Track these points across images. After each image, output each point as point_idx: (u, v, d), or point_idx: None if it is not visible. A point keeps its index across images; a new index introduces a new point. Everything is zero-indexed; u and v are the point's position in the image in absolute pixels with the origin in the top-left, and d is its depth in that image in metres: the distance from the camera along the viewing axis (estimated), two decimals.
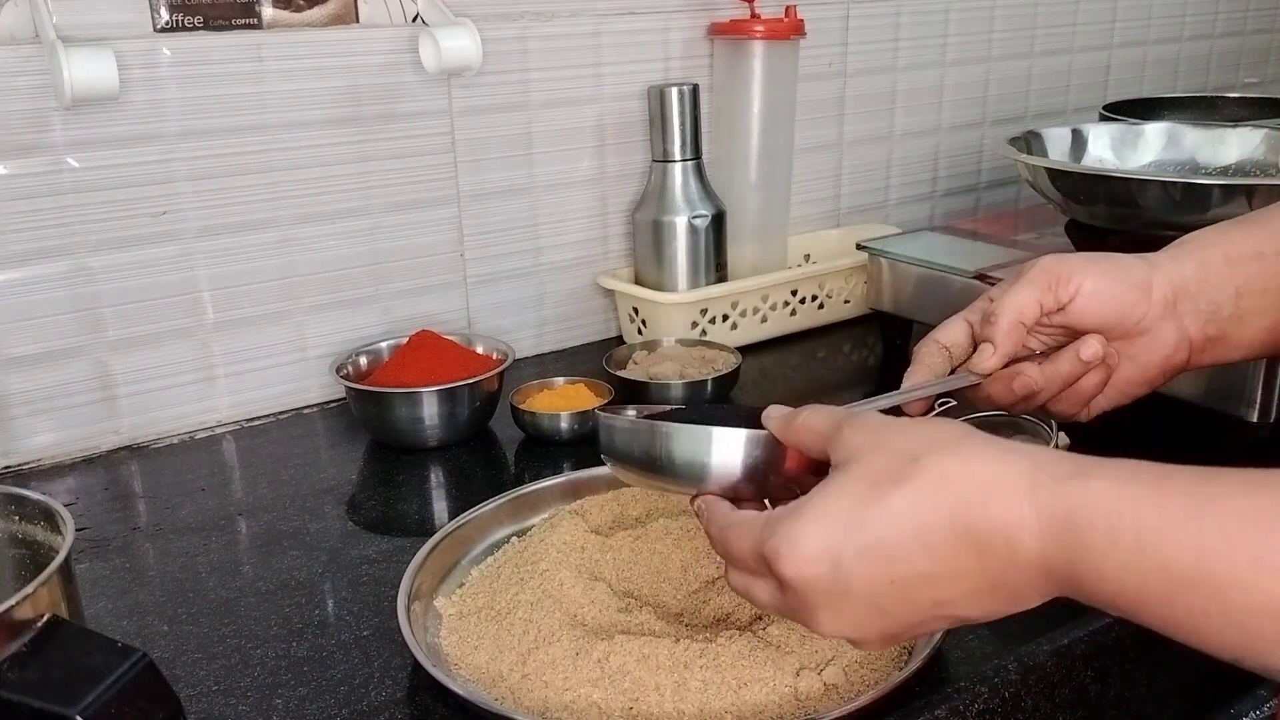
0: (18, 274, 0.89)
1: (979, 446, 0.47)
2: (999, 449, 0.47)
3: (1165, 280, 0.64)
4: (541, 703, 0.59)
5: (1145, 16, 1.67)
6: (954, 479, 0.45)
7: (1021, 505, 0.44)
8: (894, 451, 0.47)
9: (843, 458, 0.49)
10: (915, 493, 0.45)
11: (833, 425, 0.51)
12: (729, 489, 0.56)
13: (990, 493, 0.44)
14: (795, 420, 0.54)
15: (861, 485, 0.47)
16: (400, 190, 1.05)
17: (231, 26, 0.94)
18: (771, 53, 1.17)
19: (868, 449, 0.48)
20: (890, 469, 0.46)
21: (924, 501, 0.45)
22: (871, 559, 0.45)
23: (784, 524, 0.48)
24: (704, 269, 1.15)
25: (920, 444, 0.47)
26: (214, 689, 0.64)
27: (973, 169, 1.52)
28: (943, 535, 0.45)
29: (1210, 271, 0.64)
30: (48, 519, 0.58)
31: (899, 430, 0.49)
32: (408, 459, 0.93)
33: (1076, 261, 0.64)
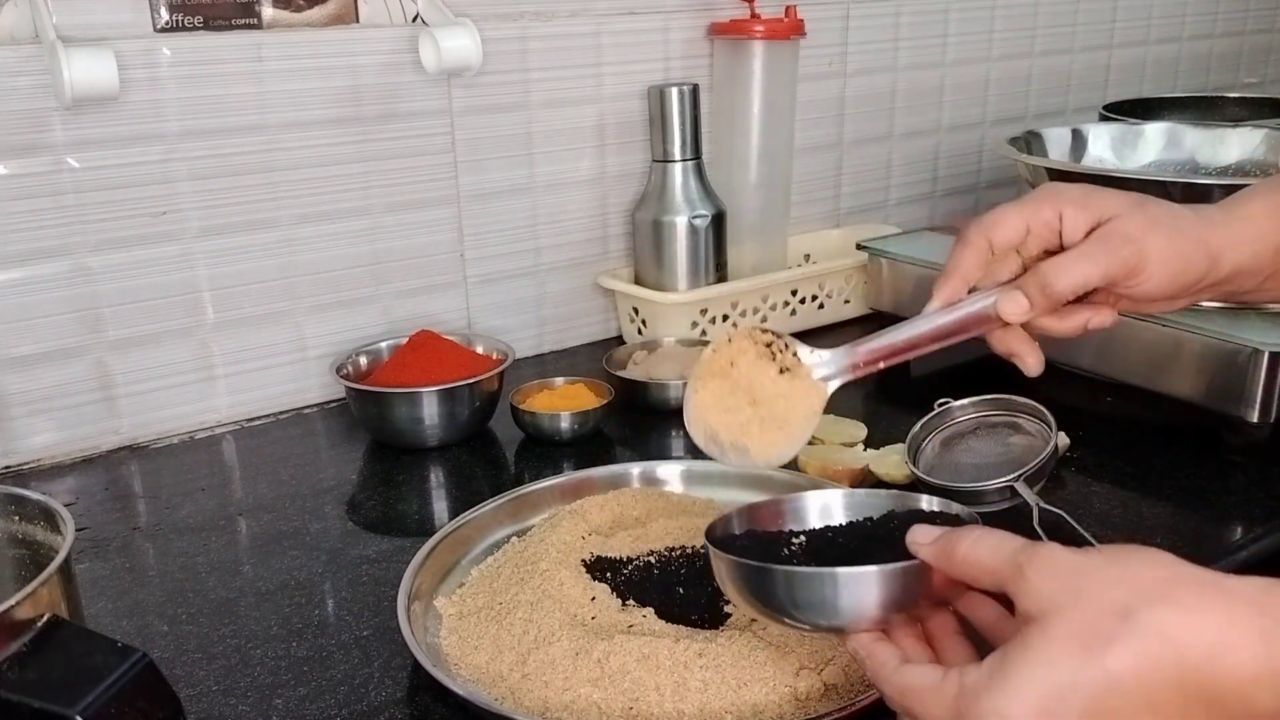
0: (18, 274, 0.89)
1: (1194, 592, 0.42)
2: (1219, 593, 0.42)
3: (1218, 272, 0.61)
4: (541, 703, 0.59)
5: (1145, 16, 1.67)
6: (1176, 635, 0.41)
7: (1255, 662, 0.40)
8: (1100, 605, 0.42)
9: (1034, 609, 0.44)
10: (1135, 654, 0.41)
11: (1010, 566, 0.46)
12: (874, 625, 0.52)
13: (1218, 648, 0.41)
14: (957, 553, 0.49)
15: (1070, 647, 0.42)
16: (400, 190, 1.05)
17: (231, 26, 0.94)
18: (771, 53, 1.17)
19: (1066, 602, 0.43)
20: (1101, 628, 0.42)
21: (1146, 663, 0.41)
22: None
23: (986, 696, 0.43)
24: (704, 269, 1.15)
25: (1129, 594, 0.42)
26: (214, 689, 0.64)
27: (973, 169, 1.52)
28: (1170, 696, 0.41)
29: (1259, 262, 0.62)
30: (48, 519, 0.58)
31: (1096, 576, 0.44)
32: (408, 459, 0.93)
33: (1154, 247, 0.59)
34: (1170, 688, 0.41)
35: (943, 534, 0.50)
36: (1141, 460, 0.88)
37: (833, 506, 0.60)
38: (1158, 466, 0.87)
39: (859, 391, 1.08)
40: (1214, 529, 0.80)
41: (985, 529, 0.49)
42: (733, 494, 0.81)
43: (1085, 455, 0.89)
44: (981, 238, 0.61)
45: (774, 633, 0.61)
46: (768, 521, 0.60)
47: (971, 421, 0.85)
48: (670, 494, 0.81)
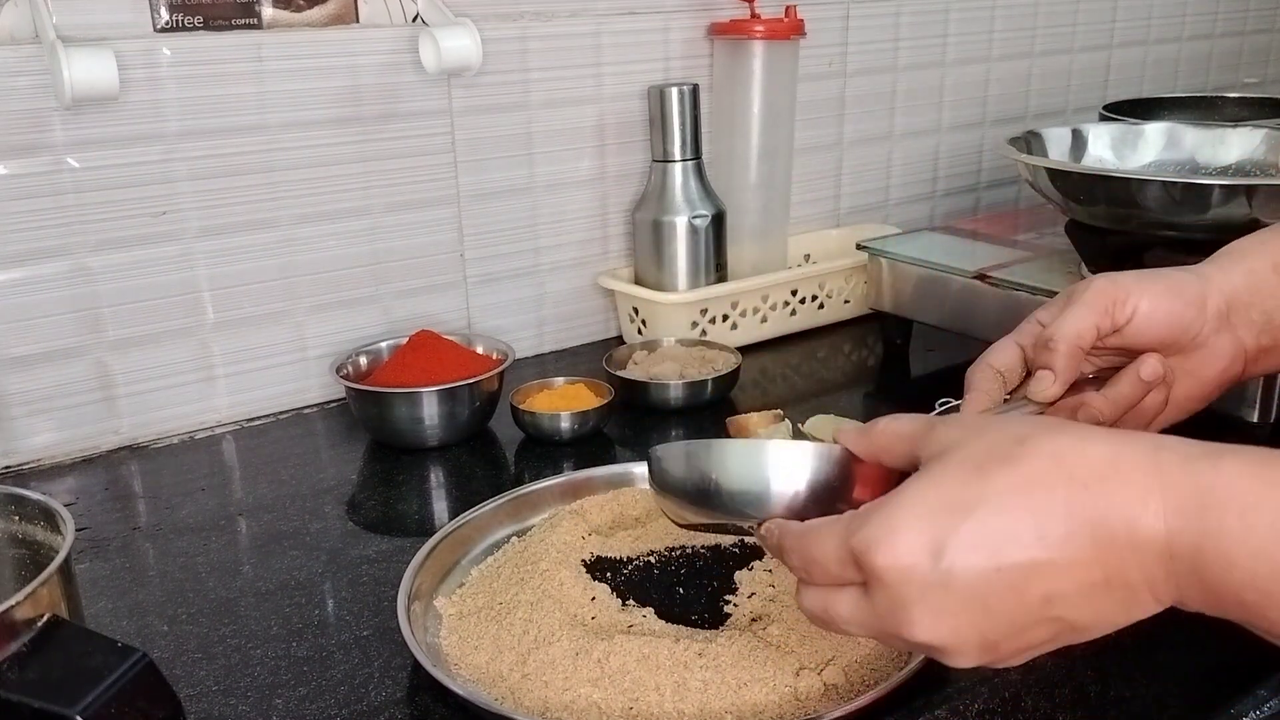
0: (18, 274, 0.89)
1: (1091, 429, 0.44)
2: (1112, 431, 0.44)
3: (1218, 293, 0.63)
4: (541, 703, 0.59)
5: (1145, 16, 1.67)
6: (1068, 457, 0.41)
7: (1146, 482, 0.40)
8: (998, 435, 0.43)
9: (937, 451, 0.45)
10: (1025, 471, 0.41)
11: (923, 426, 0.48)
12: (794, 514, 0.51)
13: (1109, 470, 0.41)
14: (875, 427, 0.50)
15: (963, 469, 0.43)
16: (400, 190, 1.05)
17: (231, 26, 0.94)
18: (771, 53, 1.17)
19: (967, 437, 0.44)
20: (995, 451, 0.42)
21: (1035, 481, 0.41)
22: (975, 545, 0.41)
23: (876, 514, 0.43)
24: (704, 269, 1.15)
25: (1026, 428, 0.44)
26: (214, 689, 0.64)
27: (973, 169, 1.52)
28: (1056, 517, 0.40)
29: (1259, 280, 0.63)
30: (48, 519, 0.58)
31: (1000, 420, 0.46)
32: (408, 459, 0.93)
33: (1130, 281, 0.62)
34: (1057, 507, 0.41)
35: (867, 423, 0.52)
36: None
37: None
38: None
39: (859, 391, 1.08)
40: None
41: None
42: None
43: None
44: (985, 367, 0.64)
45: (774, 633, 0.61)
46: None
47: None
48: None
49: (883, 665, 0.61)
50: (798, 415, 0.94)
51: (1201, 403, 0.66)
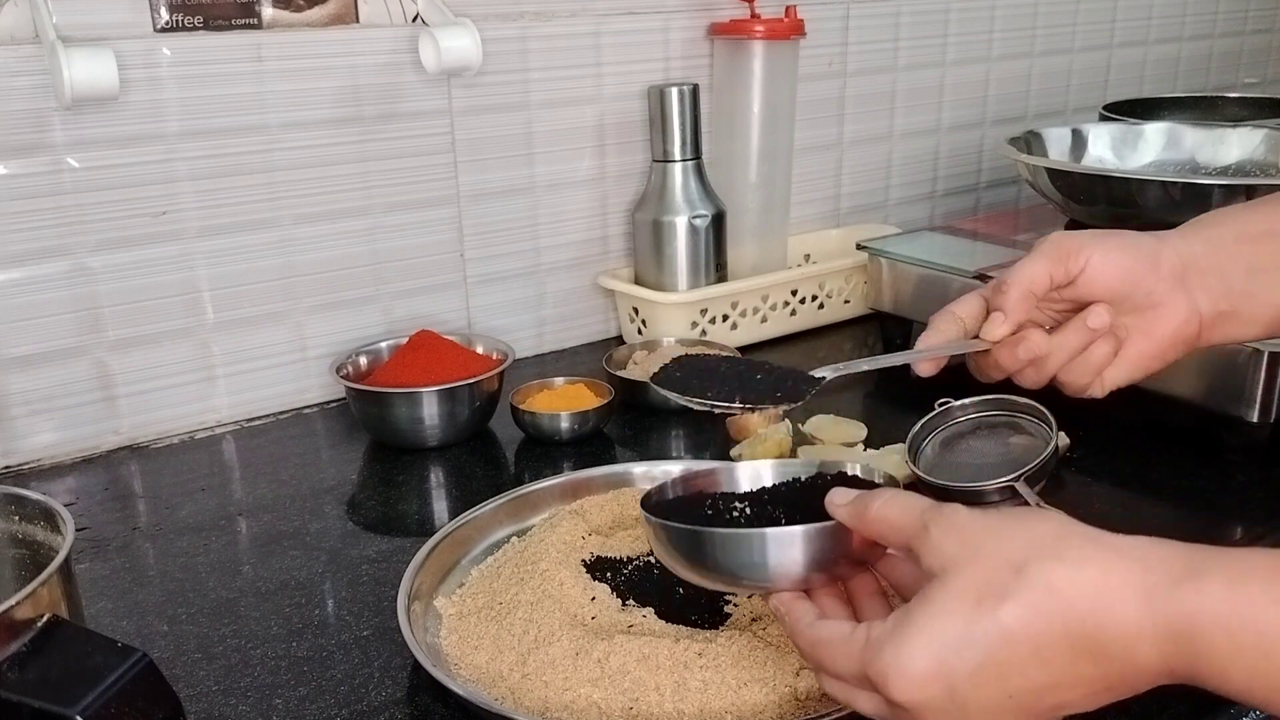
0: (18, 274, 0.89)
1: (1082, 548, 0.45)
2: (1103, 548, 0.45)
3: (1174, 254, 0.65)
4: (541, 703, 0.59)
5: (1145, 16, 1.67)
6: (1063, 588, 0.44)
7: (1138, 614, 0.43)
8: (995, 561, 0.45)
9: (936, 566, 0.47)
10: (1024, 607, 0.44)
11: (916, 523, 0.49)
12: (797, 584, 0.54)
13: (1102, 600, 0.43)
14: (869, 512, 0.51)
15: (965, 602, 0.45)
16: (400, 190, 1.05)
17: (231, 26, 0.94)
18: (771, 53, 1.17)
19: (964, 558, 0.46)
20: (994, 582, 0.45)
21: (1035, 615, 0.44)
22: (986, 678, 0.44)
23: (888, 647, 0.46)
24: (704, 269, 1.15)
25: (1020, 550, 0.45)
26: (214, 689, 0.64)
27: (973, 169, 1.52)
28: (1058, 648, 0.44)
29: (1220, 248, 0.65)
30: (48, 519, 0.58)
31: (994, 534, 0.47)
32: (408, 459, 0.93)
33: (1086, 236, 0.65)
34: (1058, 639, 0.44)
35: (857, 495, 0.53)
36: (1141, 460, 0.88)
37: (763, 473, 0.62)
38: (1158, 466, 0.87)
39: (859, 391, 1.08)
40: (1214, 529, 0.80)
41: (897, 490, 0.52)
42: None
43: (1085, 455, 0.89)
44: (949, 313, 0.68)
45: (774, 633, 0.61)
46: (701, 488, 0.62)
47: (972, 421, 0.85)
48: None
49: None
50: (798, 415, 0.94)
51: (1157, 361, 0.67)
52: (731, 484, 0.62)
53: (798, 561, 0.53)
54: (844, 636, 0.49)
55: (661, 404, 1.00)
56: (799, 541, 0.53)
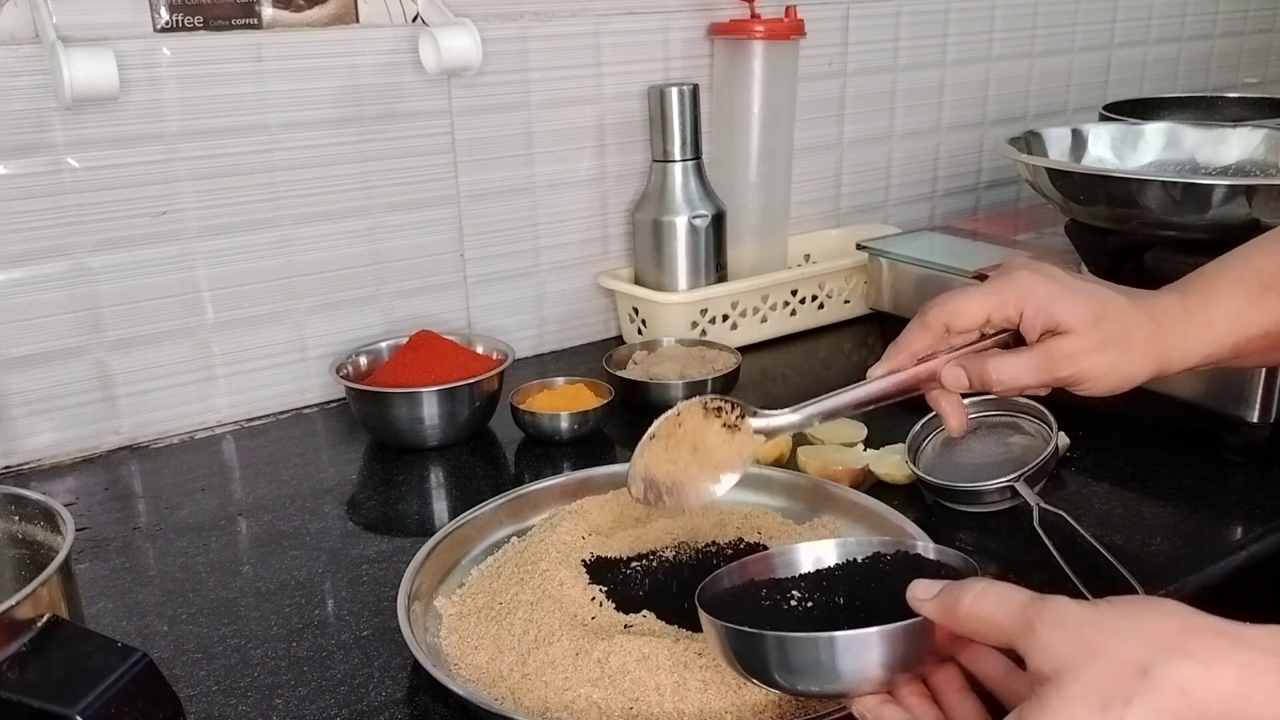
0: (18, 274, 0.89)
1: (1213, 644, 0.42)
2: (1236, 644, 0.42)
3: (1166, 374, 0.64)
4: (541, 703, 0.59)
5: (1145, 16, 1.67)
6: (1194, 690, 0.41)
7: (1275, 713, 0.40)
8: (1115, 663, 0.42)
9: (1048, 669, 0.43)
10: (1156, 714, 0.41)
11: (1019, 621, 0.45)
12: (876, 688, 0.50)
13: (1240, 704, 0.41)
14: (960, 608, 0.48)
15: (1090, 708, 0.41)
16: (400, 190, 1.05)
17: (231, 26, 0.94)
18: (771, 53, 1.17)
19: (1080, 660, 0.43)
20: (1119, 686, 0.41)
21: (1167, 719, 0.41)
22: None
23: None
24: (704, 269, 1.15)
25: (1144, 649, 0.42)
26: (214, 689, 0.64)
27: (973, 169, 1.52)
28: None
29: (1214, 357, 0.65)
30: (48, 519, 0.58)
31: (1110, 631, 0.43)
32: (408, 459, 0.93)
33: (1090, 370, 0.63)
34: None
35: (944, 588, 0.49)
36: (1141, 460, 0.88)
37: (824, 557, 0.59)
38: (1158, 466, 0.87)
39: None
40: (1214, 529, 0.80)
41: (988, 581, 0.48)
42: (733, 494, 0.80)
43: (1085, 455, 0.89)
44: (940, 324, 0.66)
45: None
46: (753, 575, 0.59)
47: (972, 421, 0.85)
48: None
49: None
50: None
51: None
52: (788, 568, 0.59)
53: (877, 664, 0.49)
54: None
55: (661, 404, 0.99)
56: (877, 643, 0.48)
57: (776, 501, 0.80)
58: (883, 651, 0.49)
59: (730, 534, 0.73)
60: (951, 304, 0.65)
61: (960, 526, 0.79)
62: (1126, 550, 0.75)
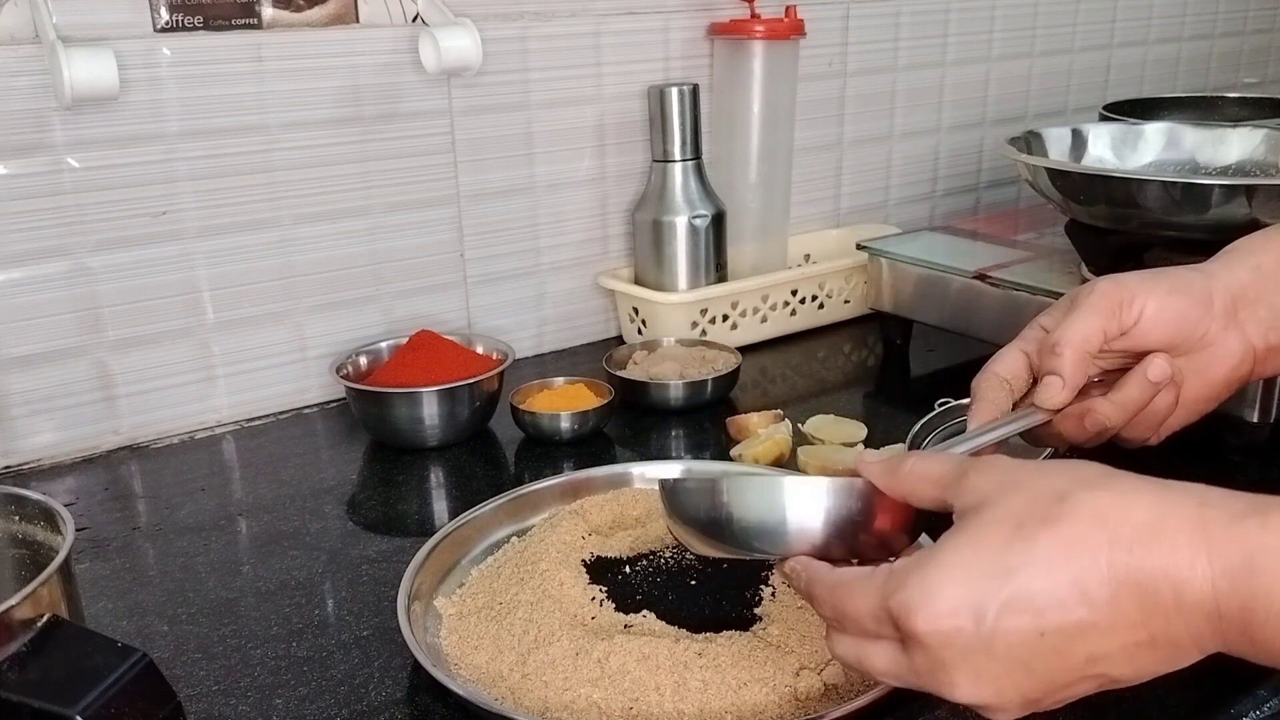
0: (18, 274, 0.89)
1: (1133, 482, 0.43)
2: (1156, 485, 0.42)
3: (1224, 290, 0.62)
4: (541, 703, 0.59)
5: (1145, 16, 1.67)
6: (1111, 517, 0.41)
7: (1191, 547, 0.39)
8: (1036, 491, 0.43)
9: (972, 503, 0.44)
10: (1067, 534, 0.41)
11: (954, 471, 0.47)
12: (812, 551, 0.50)
13: (1153, 531, 0.40)
14: (903, 467, 0.49)
15: (1003, 529, 0.42)
16: (400, 190, 1.05)
17: (231, 26, 0.94)
18: (771, 53, 1.17)
19: (1004, 491, 0.43)
20: (1035, 509, 0.42)
21: (1078, 543, 0.40)
22: (1019, 608, 0.40)
23: (914, 574, 0.43)
24: (704, 269, 1.15)
25: (1066, 482, 0.43)
26: (214, 689, 0.64)
27: (973, 169, 1.52)
28: (1099, 579, 0.40)
29: (1266, 277, 0.62)
30: (48, 519, 0.58)
31: (1036, 471, 0.44)
32: (408, 459, 0.93)
33: (1135, 283, 0.61)
34: (1100, 570, 0.40)
35: (891, 455, 0.50)
36: (1141, 460, 0.88)
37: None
38: (1158, 466, 0.87)
39: (859, 391, 1.08)
40: None
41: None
42: None
43: (1085, 455, 0.88)
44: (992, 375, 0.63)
45: (774, 633, 0.61)
46: None
47: None
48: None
49: None
50: (798, 415, 0.94)
51: (1211, 403, 0.65)
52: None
53: (818, 519, 0.49)
54: (865, 574, 0.46)
55: (661, 404, 1.00)
56: (822, 495, 0.49)
57: None
58: (823, 504, 0.49)
59: None
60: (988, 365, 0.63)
61: None
62: None
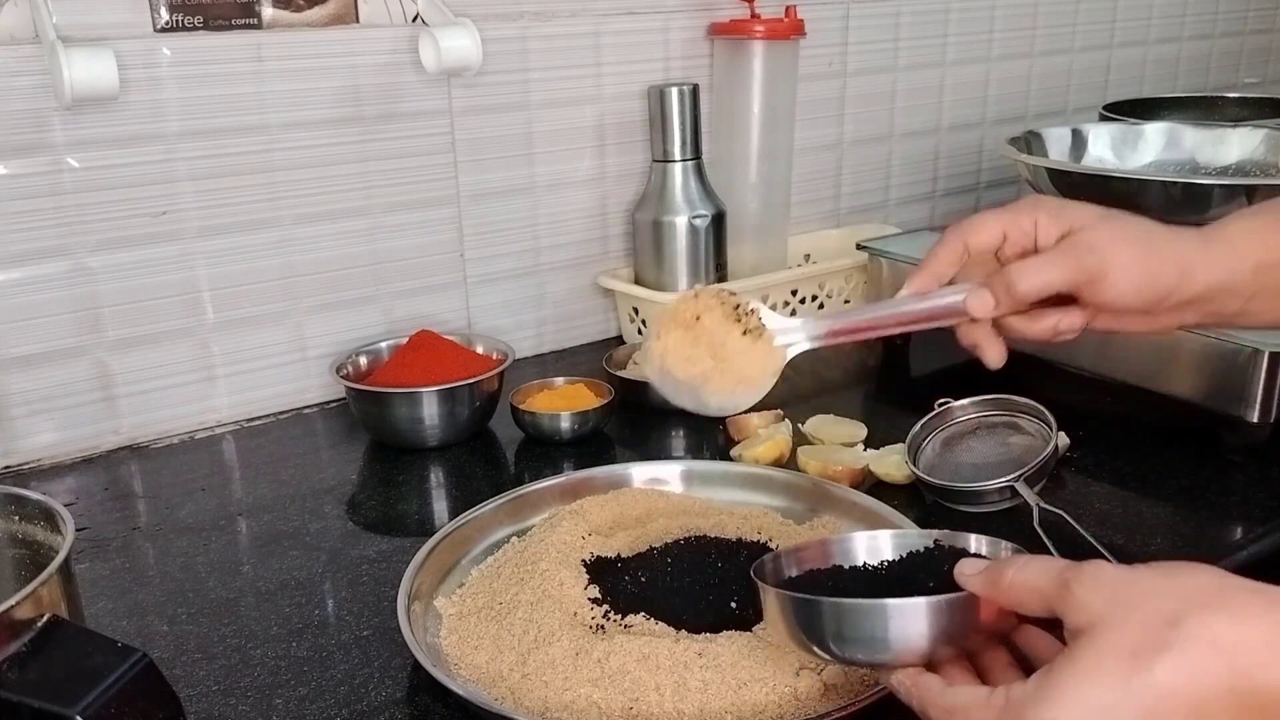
0: (18, 274, 0.89)
1: (1247, 601, 0.42)
2: (1269, 602, 0.42)
3: (1190, 287, 0.61)
4: (541, 703, 0.59)
5: (1145, 16, 1.67)
6: (1227, 644, 0.41)
7: None
8: (1149, 615, 0.42)
9: (1083, 623, 0.44)
10: (1186, 663, 0.41)
11: (1057, 583, 0.46)
12: (922, 659, 0.51)
13: (1271, 654, 0.40)
14: (1004, 579, 0.48)
15: (1119, 659, 0.42)
16: (400, 190, 1.05)
17: (231, 26, 0.94)
18: (771, 53, 1.17)
19: (1115, 614, 0.43)
20: (1150, 637, 0.42)
21: (1196, 671, 0.41)
22: None
23: (1031, 708, 0.43)
24: (704, 269, 1.15)
25: (1177, 604, 0.42)
26: (214, 689, 0.64)
27: (973, 169, 1.52)
28: (1220, 707, 0.41)
29: (1236, 281, 0.62)
30: (48, 519, 0.58)
31: (1146, 588, 0.43)
32: (408, 459, 0.93)
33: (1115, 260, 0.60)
34: (1221, 695, 0.40)
35: (990, 564, 0.50)
36: (1141, 460, 0.88)
37: (881, 546, 0.59)
38: (1158, 466, 0.87)
39: (859, 391, 1.08)
40: (1214, 529, 0.80)
41: (1031, 555, 0.49)
42: (733, 494, 0.81)
43: (1085, 455, 0.89)
44: (959, 240, 0.64)
45: None
46: (815, 561, 0.59)
47: (971, 421, 0.86)
48: (670, 494, 0.81)
49: None
50: (798, 415, 0.94)
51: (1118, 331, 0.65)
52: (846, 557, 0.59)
53: (923, 634, 0.49)
54: (980, 700, 0.46)
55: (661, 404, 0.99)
56: (925, 613, 0.49)
57: (776, 501, 0.80)
58: (929, 621, 0.49)
59: (730, 534, 0.73)
60: (968, 221, 0.64)
61: (960, 526, 0.79)
62: (1126, 550, 0.75)
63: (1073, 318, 0.62)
